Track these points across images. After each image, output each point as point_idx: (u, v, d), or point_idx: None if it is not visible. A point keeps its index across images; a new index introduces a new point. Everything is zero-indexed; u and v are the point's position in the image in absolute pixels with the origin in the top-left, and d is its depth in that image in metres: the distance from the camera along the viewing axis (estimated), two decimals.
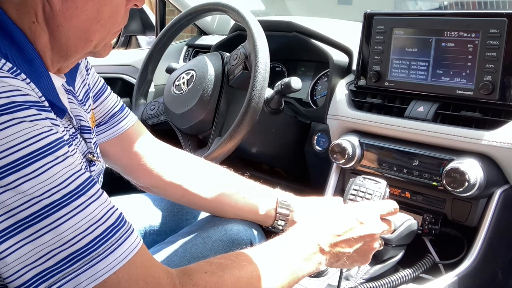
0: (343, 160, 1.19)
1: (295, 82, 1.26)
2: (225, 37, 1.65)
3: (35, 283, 0.56)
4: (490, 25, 1.03)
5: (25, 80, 0.60)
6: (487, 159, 1.03)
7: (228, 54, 1.36)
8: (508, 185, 1.04)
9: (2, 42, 0.61)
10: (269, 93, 1.31)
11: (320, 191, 1.30)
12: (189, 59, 1.91)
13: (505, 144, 1.00)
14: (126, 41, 2.89)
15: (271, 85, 1.34)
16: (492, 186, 1.03)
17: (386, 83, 1.21)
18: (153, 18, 2.25)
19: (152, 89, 1.69)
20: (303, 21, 1.50)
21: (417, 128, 1.12)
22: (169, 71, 1.56)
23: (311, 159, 1.44)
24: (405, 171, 1.12)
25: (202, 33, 2.11)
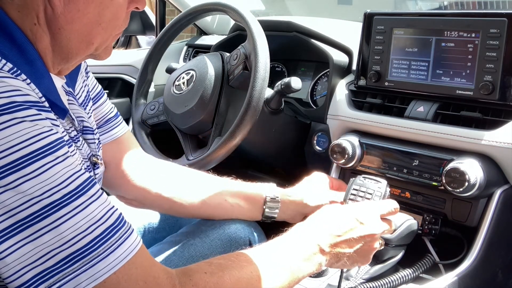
0: (343, 160, 1.19)
1: (295, 82, 1.26)
2: (225, 37, 1.65)
3: (35, 283, 0.56)
4: (490, 25, 1.03)
5: (26, 80, 0.60)
6: (487, 159, 1.03)
7: (228, 54, 1.36)
8: (508, 185, 1.04)
9: (2, 43, 0.61)
10: (269, 93, 1.31)
11: None
12: (189, 59, 1.91)
13: (505, 144, 1.00)
14: (126, 41, 2.90)
15: (271, 85, 1.34)
16: (492, 186, 1.03)
17: (386, 83, 1.20)
18: (153, 18, 2.25)
19: (152, 89, 1.69)
20: (303, 21, 1.50)
21: (417, 128, 1.12)
22: (169, 71, 1.56)
23: (311, 159, 1.44)
24: (405, 171, 1.12)
25: (202, 33, 2.11)
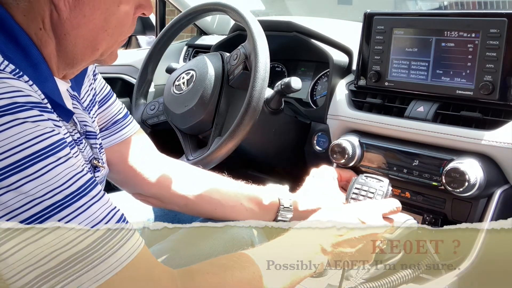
0: (343, 160, 1.19)
1: (295, 82, 1.26)
2: (225, 37, 1.65)
3: (37, 284, 0.56)
4: (490, 25, 1.03)
5: (28, 82, 0.60)
6: (487, 159, 1.03)
7: (228, 54, 1.36)
8: (508, 185, 1.04)
9: (7, 45, 0.61)
10: (269, 93, 1.31)
11: None
12: (189, 59, 1.91)
13: (505, 144, 1.00)
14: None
15: (271, 85, 1.34)
16: (492, 186, 1.03)
17: (386, 83, 1.21)
18: (153, 18, 2.25)
19: (152, 89, 1.69)
20: (303, 21, 1.50)
21: (417, 128, 1.12)
22: (169, 71, 1.56)
23: (311, 159, 1.44)
24: (405, 171, 1.12)
25: (202, 33, 2.10)
